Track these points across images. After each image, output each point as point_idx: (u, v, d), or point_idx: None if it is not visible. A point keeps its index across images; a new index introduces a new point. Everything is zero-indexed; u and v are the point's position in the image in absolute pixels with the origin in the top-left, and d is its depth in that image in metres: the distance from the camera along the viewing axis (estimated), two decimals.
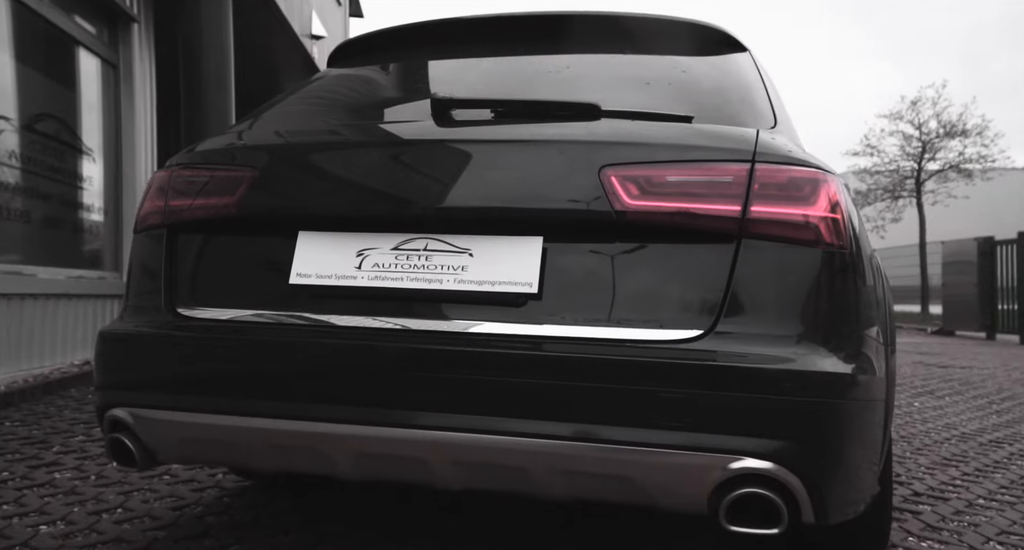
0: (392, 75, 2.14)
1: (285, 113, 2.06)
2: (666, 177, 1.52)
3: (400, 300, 1.60)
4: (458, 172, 1.60)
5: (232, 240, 1.78)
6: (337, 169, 1.70)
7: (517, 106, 1.72)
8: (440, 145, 1.64)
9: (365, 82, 2.15)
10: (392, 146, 1.67)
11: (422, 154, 1.64)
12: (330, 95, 2.13)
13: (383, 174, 1.65)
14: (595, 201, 1.52)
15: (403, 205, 1.61)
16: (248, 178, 1.74)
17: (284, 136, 1.84)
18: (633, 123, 1.63)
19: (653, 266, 1.51)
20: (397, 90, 2.00)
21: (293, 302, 1.67)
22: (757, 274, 1.47)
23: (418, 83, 2.02)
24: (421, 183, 1.61)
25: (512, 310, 1.54)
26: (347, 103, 2.05)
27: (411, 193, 1.61)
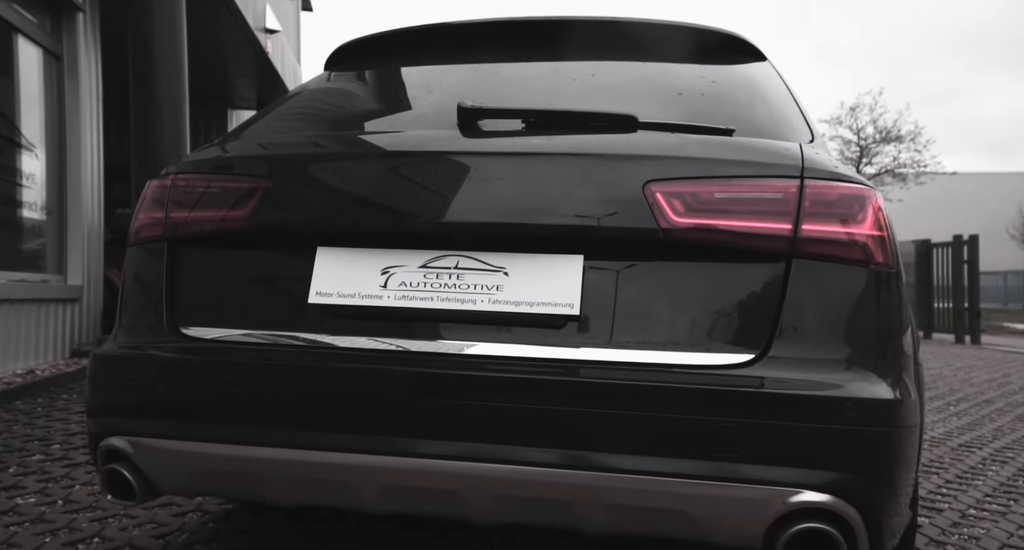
0: (403, 80, 2.03)
1: (290, 119, 1.93)
2: (714, 194, 1.46)
3: (430, 322, 1.51)
4: (490, 185, 1.51)
5: (242, 256, 1.66)
6: (358, 181, 1.59)
7: (550, 116, 1.63)
8: (469, 157, 1.55)
9: (374, 87, 2.04)
10: (417, 157, 1.57)
11: (450, 166, 1.55)
12: (337, 100, 2.02)
13: (408, 187, 1.55)
14: (639, 218, 1.45)
15: (431, 220, 1.52)
16: (260, 190, 1.61)
17: (297, 145, 1.72)
18: (674, 136, 1.57)
19: (699, 286, 1.46)
20: (412, 97, 1.89)
21: (312, 322, 1.56)
22: (809, 295, 1.42)
23: (434, 90, 1.91)
24: (450, 197, 1.52)
25: (552, 333, 1.46)
26: (358, 110, 1.94)
27: (440, 207, 1.52)
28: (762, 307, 1.43)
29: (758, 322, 1.42)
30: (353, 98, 2.01)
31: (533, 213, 1.49)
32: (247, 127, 1.92)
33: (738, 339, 1.42)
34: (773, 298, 1.42)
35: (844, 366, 1.39)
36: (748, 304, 1.44)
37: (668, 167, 1.48)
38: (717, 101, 1.76)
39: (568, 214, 1.48)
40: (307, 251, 1.60)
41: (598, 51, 2.00)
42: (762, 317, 1.42)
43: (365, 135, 1.71)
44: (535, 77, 1.94)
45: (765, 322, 1.42)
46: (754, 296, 1.44)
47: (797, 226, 1.43)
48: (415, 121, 1.76)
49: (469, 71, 1.97)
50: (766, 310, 1.42)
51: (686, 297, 1.45)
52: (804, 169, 1.47)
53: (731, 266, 1.46)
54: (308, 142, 1.73)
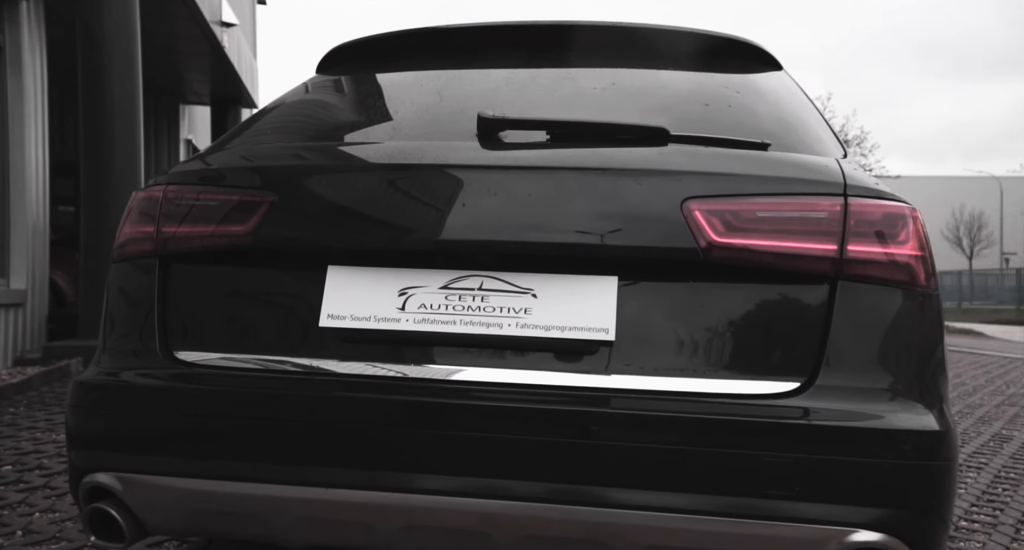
0: (409, 87, 1.91)
1: (289, 126, 1.80)
2: (755, 212, 1.39)
3: (453, 347, 1.41)
4: (516, 201, 1.41)
5: (244, 274, 1.53)
6: (372, 195, 1.48)
7: (576, 128, 1.54)
8: (492, 170, 1.45)
9: (377, 93, 1.91)
10: (435, 170, 1.46)
11: (472, 180, 1.44)
12: (337, 107, 1.89)
13: (427, 201, 1.44)
14: (678, 237, 1.38)
15: (453, 237, 1.41)
16: (264, 203, 1.49)
17: (304, 155, 1.60)
18: (709, 151, 1.49)
19: (739, 310, 1.39)
20: (422, 105, 1.78)
21: (323, 348, 1.44)
22: (855, 320, 1.36)
23: (446, 97, 1.80)
24: (473, 213, 1.42)
25: (585, 359, 1.38)
26: (363, 117, 1.81)
27: (461, 224, 1.42)
28: (806, 332, 1.36)
29: (803, 348, 1.36)
30: (355, 104, 1.89)
31: (563, 231, 1.40)
32: (240, 134, 1.78)
33: (782, 366, 1.35)
34: (818, 323, 1.36)
35: (892, 395, 1.33)
36: (791, 329, 1.37)
37: (706, 183, 1.41)
38: (744, 113, 1.69)
39: (601, 232, 1.39)
40: (317, 270, 1.48)
41: (614, 58, 1.91)
42: (807, 343, 1.36)
43: (377, 145, 1.60)
44: (552, 85, 1.84)
45: (810, 348, 1.35)
46: (798, 320, 1.37)
47: (843, 247, 1.37)
48: (429, 131, 1.65)
49: (481, 78, 1.87)
50: (811, 335, 1.36)
51: (726, 321, 1.38)
52: (847, 186, 1.41)
53: (773, 288, 1.39)
54: (315, 152, 1.61)
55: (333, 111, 1.86)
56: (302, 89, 2.00)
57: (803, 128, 1.65)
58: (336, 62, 2.11)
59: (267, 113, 1.87)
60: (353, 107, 1.87)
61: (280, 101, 1.93)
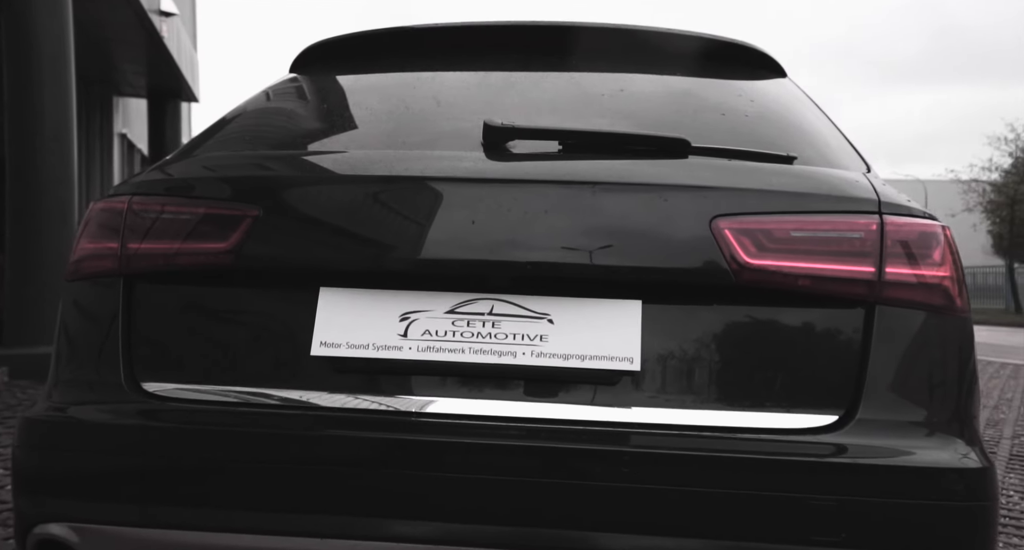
0: (399, 90, 1.75)
1: (268, 131, 1.64)
2: (789, 231, 1.30)
3: (461, 378, 1.29)
4: (529, 218, 1.29)
5: (224, 296, 1.37)
6: (369, 210, 1.34)
7: (591, 138, 1.43)
8: (502, 184, 1.33)
9: (366, 96, 1.75)
10: (439, 183, 1.33)
11: (480, 194, 1.31)
12: (322, 111, 1.71)
13: (431, 218, 1.31)
14: (707, 258, 1.28)
15: (460, 257, 1.29)
16: (247, 218, 1.33)
17: (291, 164, 1.44)
18: (735, 164, 1.39)
19: (771, 337, 1.30)
20: (416, 110, 1.63)
21: (315, 379, 1.30)
22: (894, 347, 1.29)
23: (443, 103, 1.66)
24: (482, 230, 1.29)
25: (607, 391, 1.27)
26: (353, 124, 1.64)
27: (469, 242, 1.29)
28: (843, 361, 1.28)
29: (840, 379, 1.27)
30: (341, 109, 1.72)
31: (582, 251, 1.28)
32: (210, 138, 1.61)
33: (819, 398, 1.27)
34: (855, 351, 1.28)
35: (934, 429, 1.26)
36: (827, 358, 1.29)
37: (736, 200, 1.31)
38: (762, 123, 1.60)
39: (623, 252, 1.29)
40: (307, 292, 1.33)
41: (618, 62, 1.80)
42: (844, 373, 1.27)
43: (372, 155, 1.44)
44: (557, 91, 1.72)
45: (847, 379, 1.27)
46: (833, 348, 1.29)
47: (881, 269, 1.29)
48: (427, 140, 1.50)
49: (479, 82, 1.73)
50: (847, 365, 1.28)
51: (757, 349, 1.29)
52: (881, 203, 1.33)
53: (806, 313, 1.31)
54: (304, 161, 1.45)
55: (316, 115, 1.69)
56: (277, 89, 1.83)
57: (823, 140, 1.57)
58: (313, 61, 1.94)
59: (239, 116, 1.69)
60: (339, 112, 1.70)
61: (252, 102, 1.75)
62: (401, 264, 1.31)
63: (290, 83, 1.85)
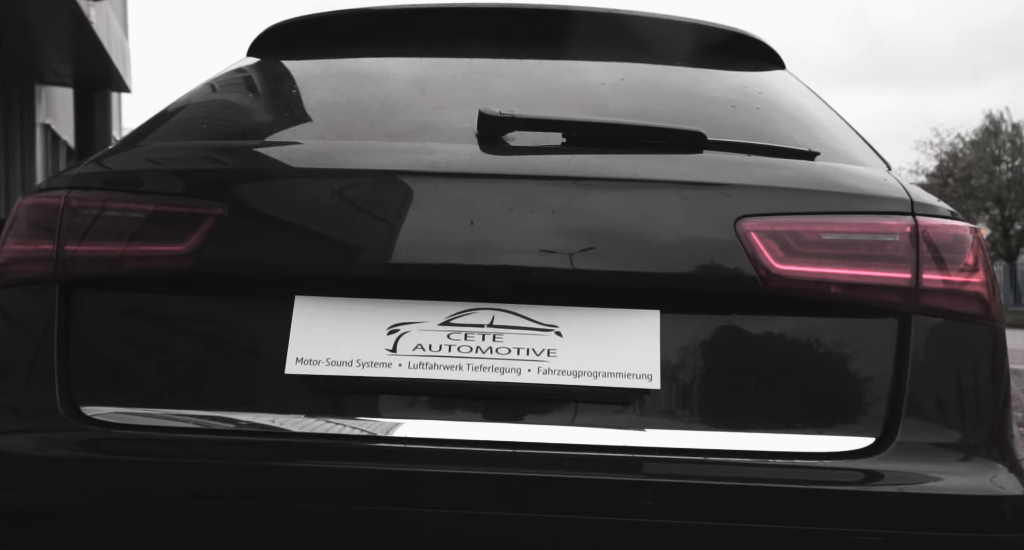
0: (377, 75, 1.57)
1: (227, 119, 1.45)
2: (820, 234, 1.19)
3: (459, 399, 1.15)
4: (534, 219, 1.16)
5: (181, 306, 1.18)
6: (352, 208, 1.18)
7: (598, 131, 1.29)
8: (503, 181, 1.18)
9: (338, 83, 1.55)
10: (430, 178, 1.18)
11: (479, 192, 1.17)
12: (289, 98, 1.51)
13: (422, 217, 1.16)
14: (732, 264, 1.16)
15: (456, 262, 1.14)
16: (211, 217, 1.15)
17: (260, 156, 1.26)
18: (757, 160, 1.27)
19: (802, 350, 1.19)
20: (397, 98, 1.45)
21: (290, 401, 1.14)
22: (933, 361, 1.19)
23: (428, 90, 1.49)
24: (481, 232, 1.15)
25: (624, 412, 1.14)
26: (327, 112, 1.44)
27: (467, 245, 1.15)
28: (878, 377, 1.18)
29: (875, 396, 1.17)
30: (312, 96, 1.52)
31: (593, 255, 1.15)
32: (161, 126, 1.41)
33: (854, 417, 1.17)
34: (892, 365, 1.18)
35: (974, 452, 1.17)
36: (861, 373, 1.19)
37: (762, 199, 1.19)
38: (776, 117, 1.48)
39: (639, 257, 1.16)
40: (280, 301, 1.16)
41: (616, 49, 1.66)
42: (879, 390, 1.17)
43: (353, 146, 1.27)
44: (553, 79, 1.57)
45: (884, 396, 1.17)
46: (868, 363, 1.19)
47: (917, 275, 1.19)
48: (413, 130, 1.34)
49: (467, 68, 1.57)
50: (883, 381, 1.17)
51: (785, 363, 1.18)
52: (913, 204, 1.23)
53: (837, 324, 1.20)
54: (275, 153, 1.27)
55: (283, 103, 1.49)
56: (235, 75, 1.63)
57: (838, 135, 1.46)
58: (276, 43, 1.74)
59: (191, 103, 1.49)
60: (310, 99, 1.50)
61: (206, 89, 1.55)
62: (389, 270, 1.15)
63: (249, 68, 1.65)
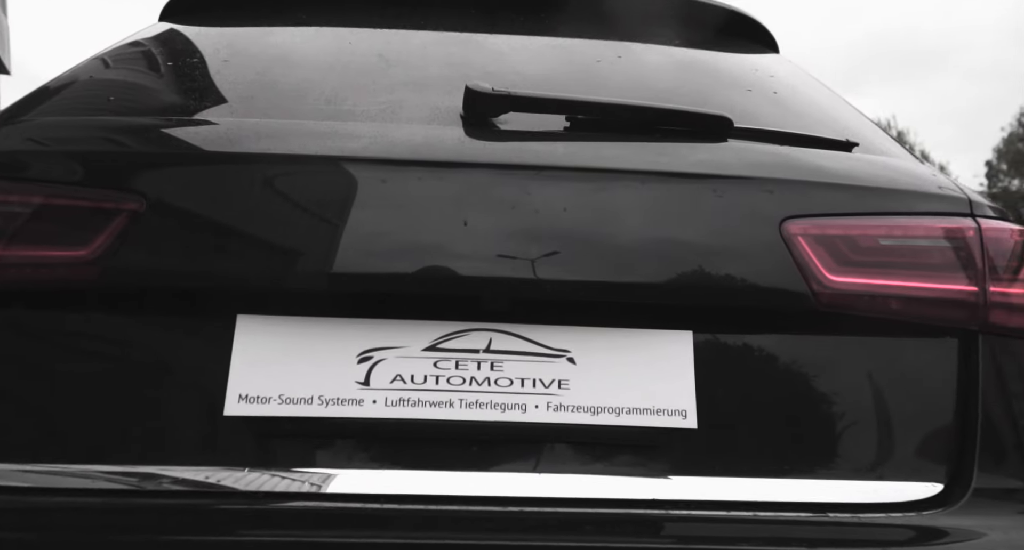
0: (331, 45, 1.30)
1: (138, 94, 1.17)
2: (877, 239, 1.01)
3: (449, 444, 0.92)
4: (541, 219, 0.94)
5: (82, 328, 0.92)
6: (309, 204, 0.94)
7: (609, 114, 1.07)
8: (497, 172, 0.97)
9: (280, 52, 1.27)
10: (408, 169, 0.94)
11: (469, 185, 0.95)
12: (220, 69, 1.22)
13: (400, 215, 0.93)
14: (778, 274, 0.97)
15: (444, 272, 0.91)
16: (123, 213, 0.89)
17: (186, 136, 0.99)
18: (795, 152, 1.08)
19: (857, 378, 1.00)
20: (358, 70, 1.19)
21: (231, 451, 0.90)
22: (1004, 388, 1.01)
23: (393, 63, 1.24)
24: (475, 235, 0.93)
25: (654, 457, 0.94)
26: (269, 85, 1.16)
27: (458, 252, 0.92)
28: (943, 408, 1.00)
29: (944, 433, 0.99)
30: (249, 66, 1.23)
31: (612, 265, 0.94)
32: (46, 99, 1.12)
33: (920, 460, 0.98)
34: (956, 393, 1.00)
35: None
36: (923, 403, 1.01)
37: (808, 196, 1.00)
38: (797, 103, 1.29)
39: (666, 267, 0.96)
40: (216, 322, 0.91)
41: (607, 26, 1.44)
42: (946, 424, 0.99)
43: (310, 127, 1.01)
44: (540, 55, 1.34)
45: (954, 433, 0.98)
46: (931, 391, 1.01)
47: (984, 287, 1.01)
48: (382, 109, 1.08)
49: (438, 40, 1.33)
50: (949, 413, 0.99)
51: (840, 394, 1.00)
52: (972, 204, 1.06)
53: (895, 347, 1.02)
54: (204, 133, 1.00)
55: (215, 75, 1.20)
56: (147, 40, 1.34)
57: (865, 127, 1.28)
58: (194, 8, 1.44)
59: (92, 72, 1.20)
60: (249, 71, 1.21)
61: (113, 56, 1.26)
62: (358, 281, 0.92)
63: (166, 33, 1.36)
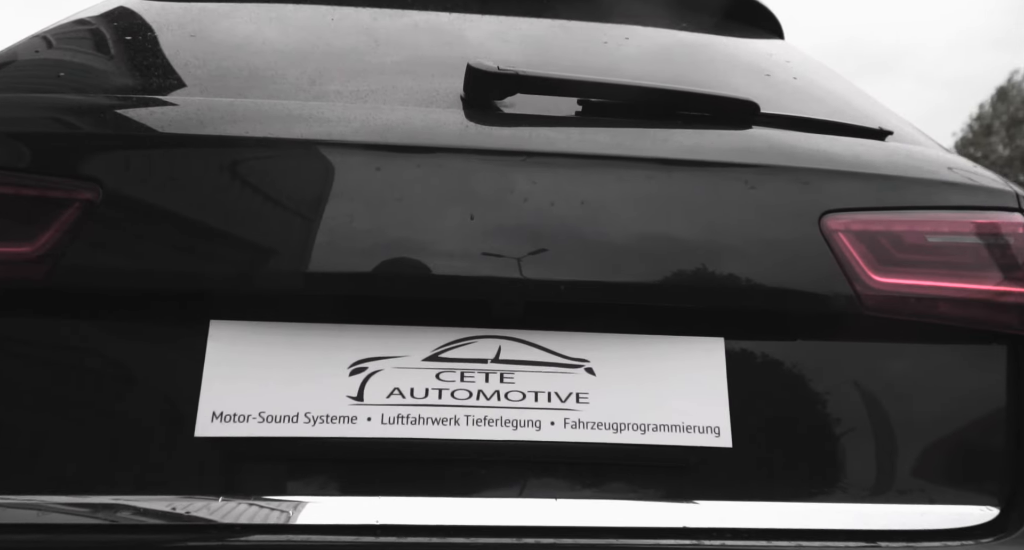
0: (314, 20, 1.17)
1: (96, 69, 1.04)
2: (925, 235, 0.92)
3: (456, 467, 0.82)
4: (556, 212, 0.84)
5: (27, 334, 0.80)
6: (291, 195, 0.82)
7: (626, 96, 0.97)
8: (512, 160, 0.86)
9: (259, 26, 1.15)
10: (406, 155, 0.84)
11: (476, 174, 0.84)
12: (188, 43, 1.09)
13: (395, 209, 0.82)
14: (818, 275, 0.88)
15: (447, 272, 0.82)
16: (76, 203, 0.77)
17: (150, 116, 0.87)
18: (831, 140, 0.99)
19: (903, 389, 0.92)
20: (343, 49, 1.08)
21: (204, 477, 0.80)
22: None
23: (382, 41, 1.12)
24: (482, 232, 0.82)
25: (685, 480, 0.84)
26: (244, 61, 1.03)
27: (463, 250, 0.82)
28: (995, 422, 0.91)
29: (997, 451, 0.91)
30: (224, 42, 1.11)
31: (635, 264, 0.85)
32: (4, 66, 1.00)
33: (973, 481, 0.90)
34: (1011, 408, 0.92)
35: None
36: (972, 416, 0.93)
37: (849, 189, 0.92)
38: (821, 90, 1.20)
39: (695, 267, 0.86)
40: (186, 329, 0.80)
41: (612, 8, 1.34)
42: (998, 440, 0.91)
43: (292, 107, 0.89)
44: (544, 35, 1.24)
45: (1007, 450, 0.90)
46: (980, 403, 0.93)
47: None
48: (371, 89, 0.97)
49: (429, 19, 1.22)
50: (1001, 427, 0.91)
51: (885, 408, 0.91)
52: (1020, 198, 0.98)
53: (940, 355, 0.94)
54: (171, 113, 0.88)
55: (174, 51, 1.05)
56: (104, 13, 1.20)
57: (888, 115, 1.20)
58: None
59: (38, 47, 1.07)
60: (222, 47, 1.09)
61: (61, 28, 1.12)
62: (349, 282, 0.81)
63: (123, 6, 1.22)
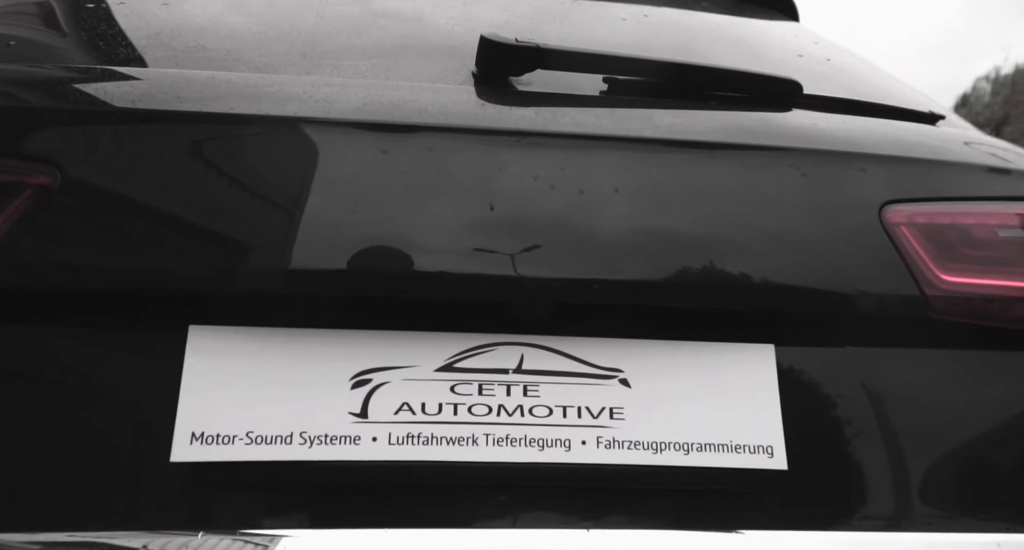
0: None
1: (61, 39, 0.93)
2: (995, 229, 0.83)
3: (475, 493, 0.73)
4: (585, 203, 0.75)
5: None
6: (284, 181, 0.72)
7: (657, 73, 0.87)
8: (535, 142, 0.77)
9: None
10: (415, 135, 0.74)
11: (495, 158, 0.75)
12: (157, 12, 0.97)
13: (403, 198, 0.72)
14: (881, 274, 0.80)
15: (462, 270, 0.72)
16: (28, 189, 0.67)
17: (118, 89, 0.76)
18: (885, 124, 0.90)
19: (975, 401, 0.84)
20: (340, 18, 0.99)
21: (179, 510, 0.69)
22: None
23: (379, 12, 1.02)
24: (502, 225, 0.73)
25: (735, 508, 0.75)
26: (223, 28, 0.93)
27: (480, 245, 0.72)
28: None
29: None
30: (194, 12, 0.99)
31: (676, 261, 0.75)
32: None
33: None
34: None
35: None
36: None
37: (910, 178, 0.83)
38: (856, 72, 1.12)
39: (743, 264, 0.77)
40: (161, 336, 0.70)
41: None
42: None
43: (281, 81, 0.79)
44: (558, 8, 1.14)
45: None
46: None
47: None
48: (373, 64, 0.88)
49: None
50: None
51: (954, 422, 0.82)
52: None
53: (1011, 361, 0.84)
54: (143, 84, 0.77)
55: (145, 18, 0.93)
56: None
57: (927, 99, 1.12)
58: None
59: None
60: (191, 15, 0.97)
61: None
62: (350, 282, 0.71)
63: None
